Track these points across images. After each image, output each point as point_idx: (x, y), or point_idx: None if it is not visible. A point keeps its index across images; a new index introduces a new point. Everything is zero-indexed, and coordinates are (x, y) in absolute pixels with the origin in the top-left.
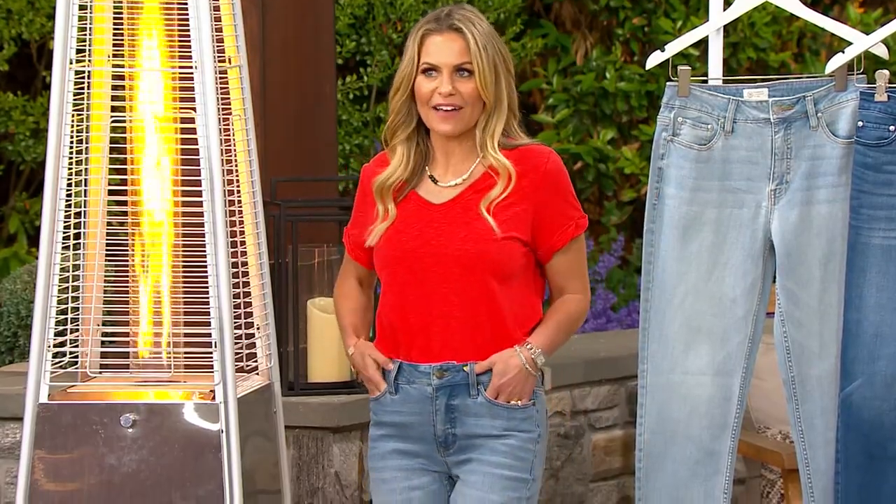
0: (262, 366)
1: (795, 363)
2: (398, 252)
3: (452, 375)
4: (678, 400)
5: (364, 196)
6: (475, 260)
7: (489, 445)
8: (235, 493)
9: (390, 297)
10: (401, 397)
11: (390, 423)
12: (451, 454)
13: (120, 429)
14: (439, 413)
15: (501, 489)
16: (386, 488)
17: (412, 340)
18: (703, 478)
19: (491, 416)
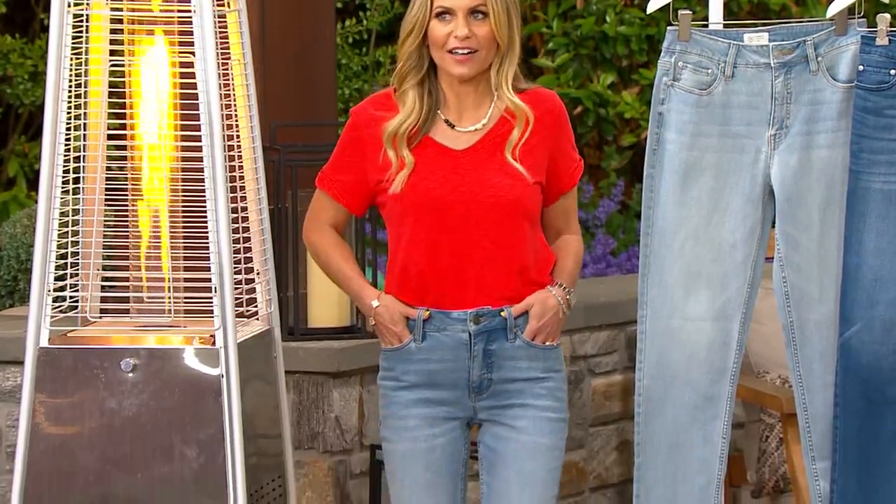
0: (262, 311)
1: (794, 308)
2: (426, 199)
3: (489, 321)
4: (677, 345)
5: (356, 140)
6: (511, 206)
7: (531, 390)
8: (236, 437)
9: (417, 244)
10: (429, 345)
11: (416, 372)
12: (483, 399)
13: (120, 373)
14: (476, 359)
15: (550, 432)
16: (409, 436)
17: (443, 287)
18: (702, 422)
19: (529, 358)
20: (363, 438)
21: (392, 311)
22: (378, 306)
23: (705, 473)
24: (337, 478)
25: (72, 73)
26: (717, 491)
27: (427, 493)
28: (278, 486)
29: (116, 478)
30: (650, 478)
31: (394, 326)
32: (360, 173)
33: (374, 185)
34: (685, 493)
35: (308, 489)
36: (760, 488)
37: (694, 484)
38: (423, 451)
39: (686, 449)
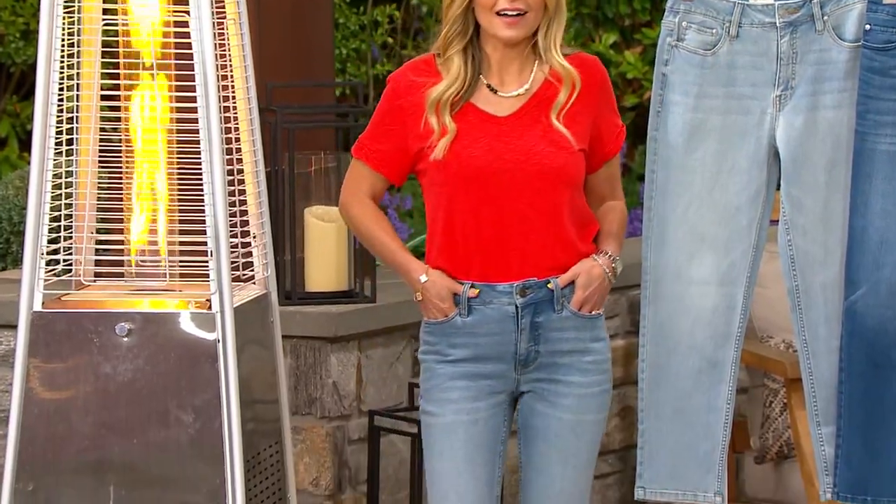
0: (259, 275)
1: (799, 271)
2: (469, 168)
3: (535, 292)
4: (681, 310)
5: (396, 108)
6: (556, 173)
7: (577, 364)
8: (232, 403)
9: (460, 215)
10: (475, 319)
11: (461, 346)
12: (529, 371)
13: (115, 337)
14: (524, 332)
15: (594, 408)
16: (453, 407)
17: (487, 259)
18: (706, 388)
19: (576, 328)
20: (361, 404)
21: (440, 287)
22: (426, 281)
23: (710, 439)
24: (335, 444)
25: (64, 31)
26: (721, 456)
27: (466, 467)
28: (275, 451)
29: (111, 443)
30: (653, 444)
31: (441, 302)
32: (400, 142)
33: (414, 153)
34: (689, 460)
35: (305, 455)
36: (764, 454)
37: (698, 450)
38: (465, 423)
39: (690, 415)
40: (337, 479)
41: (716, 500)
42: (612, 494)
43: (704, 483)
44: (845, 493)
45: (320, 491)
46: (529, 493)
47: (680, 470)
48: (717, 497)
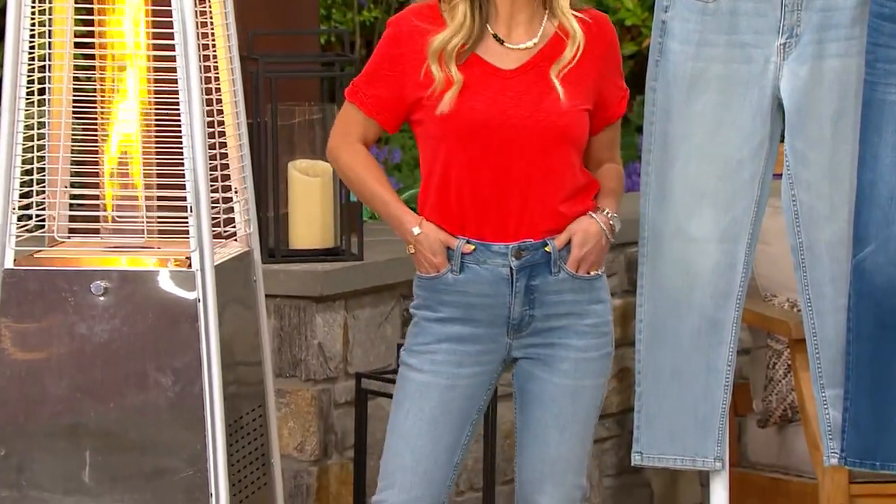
0: (241, 232)
1: (804, 227)
2: (472, 122)
3: (531, 254)
4: (680, 268)
5: (397, 54)
6: (561, 132)
7: (574, 327)
8: (213, 365)
9: (457, 170)
10: (467, 278)
11: (452, 304)
12: (522, 336)
13: (90, 296)
14: (518, 295)
15: (593, 373)
16: (433, 368)
17: (484, 218)
18: (706, 349)
19: (573, 291)
20: (348, 366)
21: (433, 240)
22: (419, 234)
23: (709, 402)
24: (320, 407)
25: None
26: (722, 420)
27: (429, 429)
28: (258, 416)
29: (87, 406)
30: (651, 407)
31: (433, 256)
32: (398, 89)
33: (411, 101)
34: (688, 423)
35: (290, 419)
36: (767, 418)
37: (697, 413)
38: (442, 387)
39: (689, 377)
40: (322, 444)
41: (716, 465)
42: (609, 459)
43: (704, 448)
44: (853, 459)
45: (305, 456)
46: (525, 459)
47: (678, 434)
48: (717, 462)
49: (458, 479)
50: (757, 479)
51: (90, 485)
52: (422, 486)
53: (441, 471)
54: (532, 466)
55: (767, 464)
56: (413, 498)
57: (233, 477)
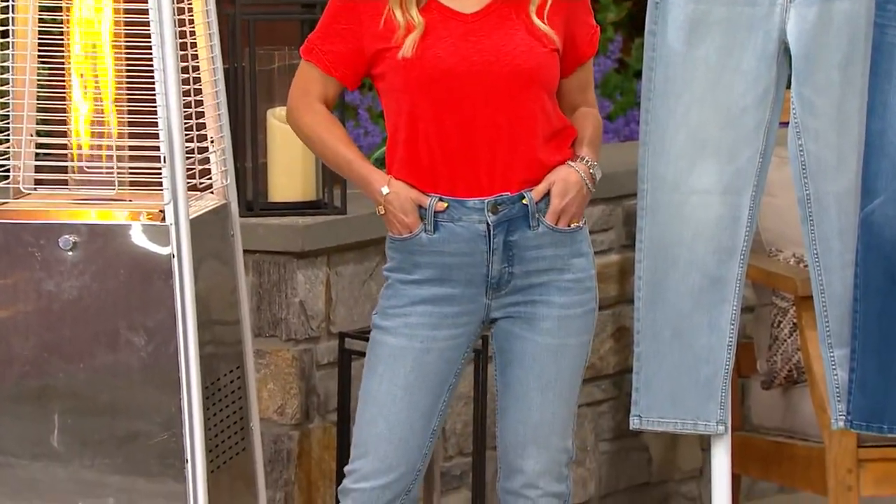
0: (218, 183)
1: (811, 179)
2: (432, 71)
3: (508, 209)
4: (681, 222)
5: (352, 7)
6: (530, 75)
7: (556, 283)
8: (188, 324)
9: (423, 123)
10: (442, 237)
11: (427, 265)
12: (502, 295)
13: (58, 251)
14: (497, 252)
15: (577, 331)
16: (408, 332)
17: (454, 172)
18: (708, 307)
19: (554, 245)
20: (331, 325)
21: (403, 199)
22: (388, 193)
23: (711, 363)
24: (301, 369)
25: None
26: (724, 382)
27: (404, 395)
28: (236, 377)
29: (55, 367)
30: (650, 368)
31: (405, 216)
32: (355, 42)
33: (371, 55)
34: (689, 385)
35: (270, 381)
36: (772, 379)
37: (699, 374)
38: (417, 351)
39: (690, 336)
40: (304, 406)
41: (718, 429)
42: (606, 423)
43: (706, 411)
44: (859, 422)
45: (286, 420)
46: (507, 423)
47: (679, 397)
48: (720, 426)
49: (446, 444)
50: (761, 444)
51: (59, 449)
52: (397, 454)
53: (417, 438)
54: (514, 430)
55: (772, 427)
56: (387, 466)
57: (209, 442)
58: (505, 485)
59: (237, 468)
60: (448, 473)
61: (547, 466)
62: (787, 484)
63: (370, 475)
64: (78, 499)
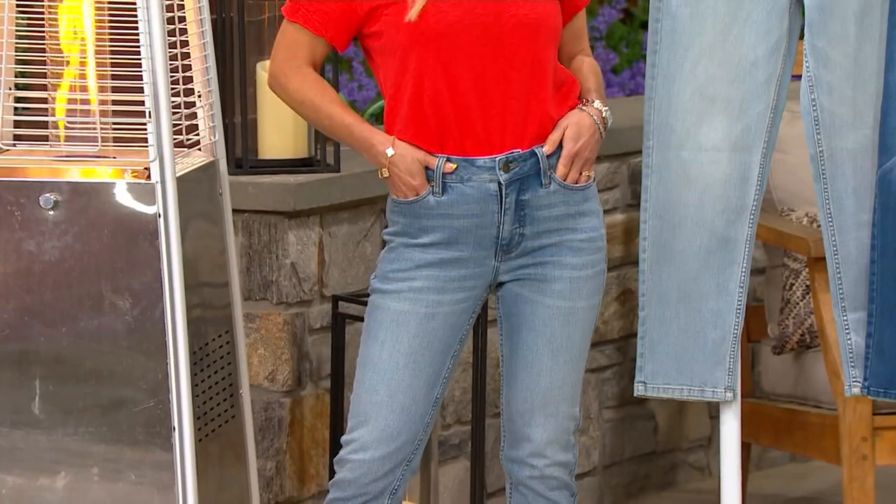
0: (205, 140)
1: (825, 135)
2: (438, 25)
3: (520, 166)
4: (689, 180)
5: None
6: (536, 25)
7: (567, 244)
8: (176, 286)
9: (430, 80)
10: (452, 198)
11: (435, 229)
12: (511, 258)
13: (39, 210)
14: (509, 212)
15: (588, 293)
16: (411, 296)
17: (464, 130)
18: (717, 269)
19: (565, 203)
20: (323, 288)
21: (410, 161)
22: (394, 155)
23: (719, 327)
24: (293, 333)
25: None
26: (733, 347)
27: (407, 361)
28: (225, 342)
29: (37, 331)
30: (656, 332)
31: (412, 179)
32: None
33: (364, 13)
34: (696, 350)
35: (260, 346)
36: (783, 343)
37: (706, 339)
38: (421, 316)
39: (697, 299)
40: (296, 373)
41: (726, 395)
42: (610, 390)
43: (713, 377)
44: (877, 388)
45: (277, 386)
46: (514, 390)
47: (685, 362)
48: (728, 393)
49: (444, 412)
50: (771, 411)
51: (40, 417)
52: (399, 422)
53: (420, 406)
54: (522, 398)
55: (783, 394)
56: (388, 436)
57: (197, 409)
58: (510, 453)
59: (226, 437)
60: (446, 443)
61: (555, 435)
62: (798, 453)
63: (369, 445)
64: (60, 468)
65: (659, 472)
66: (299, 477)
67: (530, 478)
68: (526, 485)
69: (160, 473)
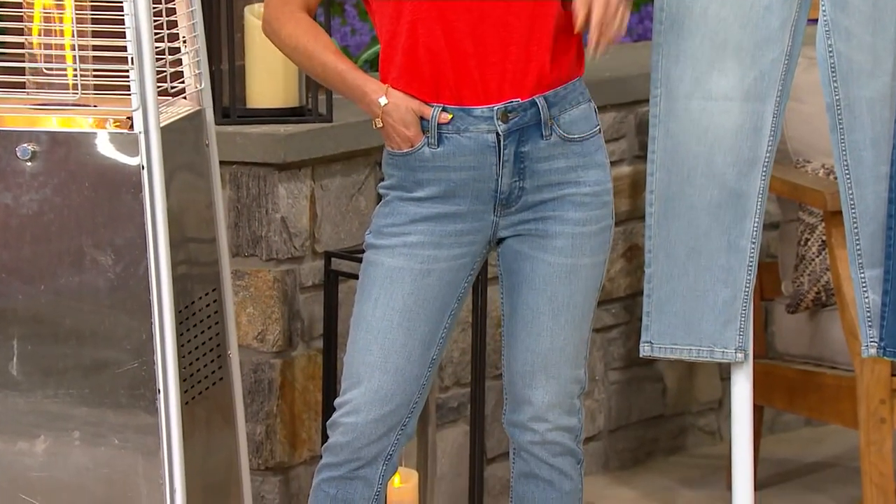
0: (191, 88)
1: (842, 83)
2: None
3: (519, 116)
4: (698, 131)
5: None
6: None
7: (570, 198)
8: (160, 242)
9: (426, 25)
10: (447, 150)
11: (430, 182)
12: (511, 213)
13: (16, 162)
14: (507, 164)
15: (591, 251)
16: (406, 251)
17: (462, 78)
18: (727, 224)
19: (566, 156)
20: (315, 244)
21: (404, 110)
22: (387, 104)
23: (730, 285)
24: (284, 291)
25: None
26: (745, 305)
27: (402, 320)
28: (213, 300)
29: (14, 289)
30: (663, 290)
31: (406, 129)
32: None
33: None
34: (706, 308)
35: (249, 304)
36: (798, 302)
37: (717, 297)
38: (416, 272)
39: (707, 256)
40: (286, 332)
41: (737, 356)
42: (616, 350)
43: (724, 337)
44: (893, 349)
45: (267, 347)
46: (515, 351)
47: (694, 322)
48: (739, 353)
49: (442, 374)
50: (785, 372)
51: (18, 378)
52: (392, 384)
53: (415, 367)
54: (523, 359)
55: (798, 354)
56: (381, 397)
57: (183, 371)
58: (511, 417)
59: (214, 399)
60: (444, 406)
61: (557, 398)
62: (814, 416)
63: (362, 407)
64: (40, 432)
65: (667, 436)
66: (290, 441)
67: (532, 443)
68: (528, 450)
69: (145, 438)
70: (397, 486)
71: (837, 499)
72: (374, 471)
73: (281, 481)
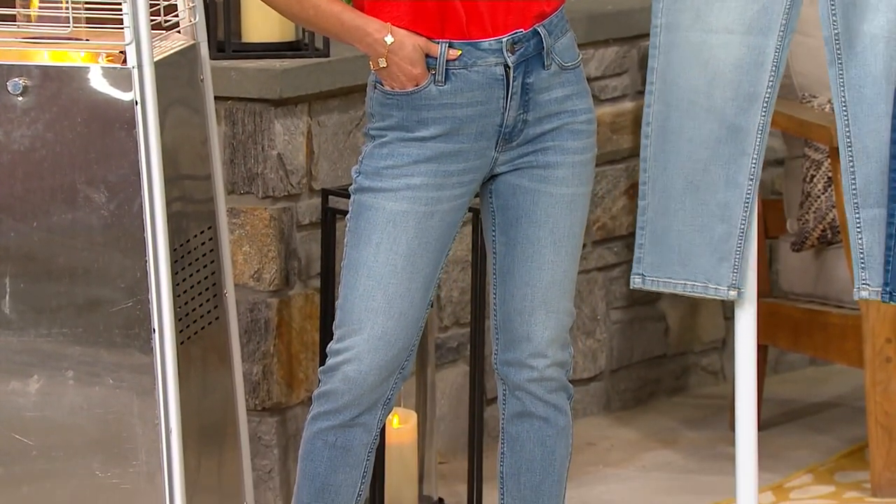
0: (185, 21)
1: (841, 15)
2: None
3: (524, 47)
4: (698, 63)
5: None
6: None
7: (568, 127)
8: (154, 178)
9: None
10: (455, 86)
11: (436, 121)
12: (511, 147)
13: (7, 96)
14: (515, 96)
15: (587, 179)
16: (409, 195)
17: (468, 12)
18: (725, 159)
19: (562, 85)
20: (312, 181)
21: (410, 48)
22: (393, 42)
23: (727, 221)
24: (280, 229)
25: None
26: (740, 243)
27: (405, 265)
28: (208, 238)
29: (6, 226)
30: (658, 225)
31: (412, 67)
32: None
33: None
34: (702, 244)
35: (245, 242)
36: (803, 240)
37: (713, 233)
38: (420, 215)
39: (704, 191)
40: (283, 271)
41: (729, 294)
42: (618, 289)
43: (718, 274)
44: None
45: (263, 286)
46: (511, 287)
47: (689, 256)
48: (732, 291)
49: (441, 314)
50: (790, 311)
51: (11, 317)
52: (397, 329)
53: (416, 311)
54: (521, 294)
55: (802, 293)
56: (386, 343)
57: (179, 310)
58: (505, 356)
59: (210, 339)
60: (443, 346)
61: (555, 332)
62: (819, 355)
63: (364, 354)
64: (33, 371)
65: (670, 376)
66: (287, 382)
67: (529, 380)
68: (524, 388)
69: (139, 377)
70: (396, 427)
71: (842, 439)
72: (373, 416)
73: (278, 422)
